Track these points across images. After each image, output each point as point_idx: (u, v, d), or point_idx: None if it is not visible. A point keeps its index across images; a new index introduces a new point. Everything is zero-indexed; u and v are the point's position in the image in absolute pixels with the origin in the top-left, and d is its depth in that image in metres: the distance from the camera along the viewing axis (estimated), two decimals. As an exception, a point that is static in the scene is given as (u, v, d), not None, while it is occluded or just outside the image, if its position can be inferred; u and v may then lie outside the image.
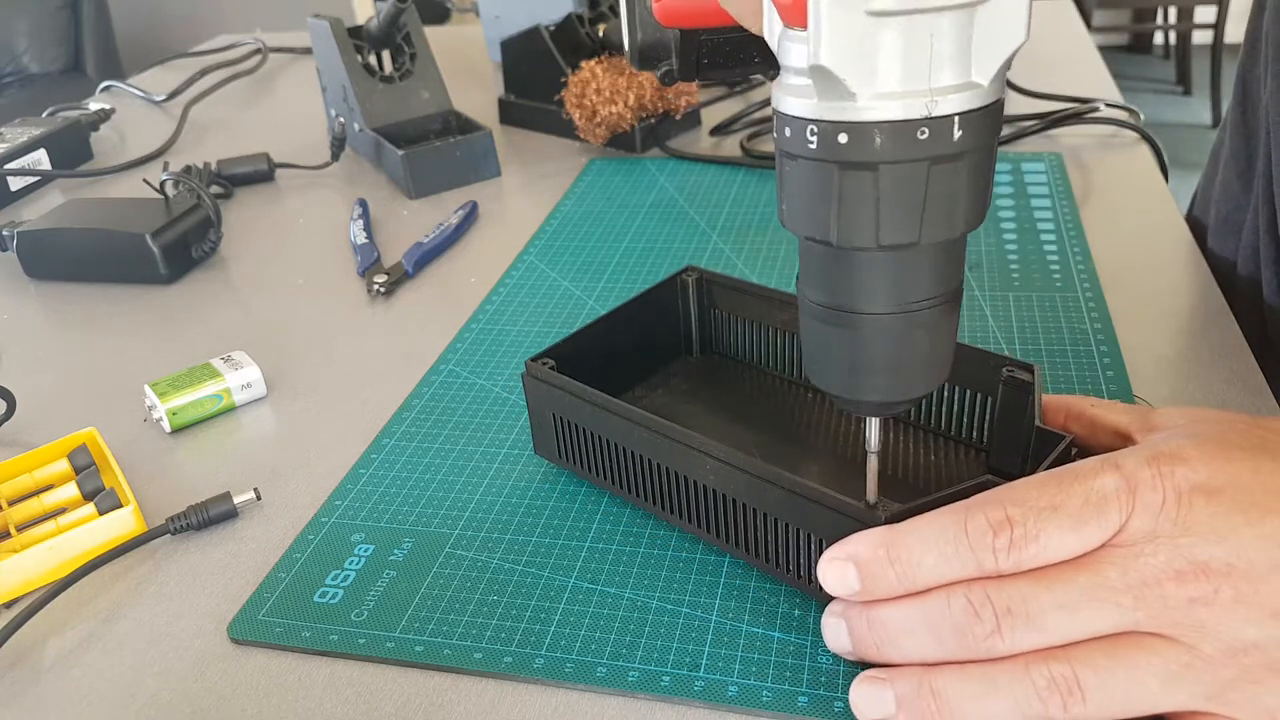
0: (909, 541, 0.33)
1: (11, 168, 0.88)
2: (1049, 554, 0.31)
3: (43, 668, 0.41)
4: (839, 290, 0.32)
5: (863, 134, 0.28)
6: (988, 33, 0.27)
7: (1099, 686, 0.30)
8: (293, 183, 0.88)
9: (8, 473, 0.50)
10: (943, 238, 0.30)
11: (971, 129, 0.28)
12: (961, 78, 0.28)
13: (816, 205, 0.30)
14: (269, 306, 0.68)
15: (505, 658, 0.38)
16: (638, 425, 0.41)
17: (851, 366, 0.33)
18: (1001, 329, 0.56)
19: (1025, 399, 0.41)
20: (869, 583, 0.33)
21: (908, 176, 0.29)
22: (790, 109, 0.29)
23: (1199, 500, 0.31)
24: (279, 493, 0.49)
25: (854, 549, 0.34)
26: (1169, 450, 0.32)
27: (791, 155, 0.30)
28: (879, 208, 0.29)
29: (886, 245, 0.30)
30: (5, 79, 2.91)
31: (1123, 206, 0.70)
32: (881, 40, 0.27)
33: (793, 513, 0.37)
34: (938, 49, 0.27)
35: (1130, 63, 3.89)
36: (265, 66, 1.24)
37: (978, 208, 0.30)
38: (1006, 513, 0.32)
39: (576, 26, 0.91)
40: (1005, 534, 0.31)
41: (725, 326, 0.52)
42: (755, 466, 0.38)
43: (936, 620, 0.32)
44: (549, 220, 0.76)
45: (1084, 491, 0.31)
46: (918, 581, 0.32)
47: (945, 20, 0.27)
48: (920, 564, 0.32)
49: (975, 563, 0.32)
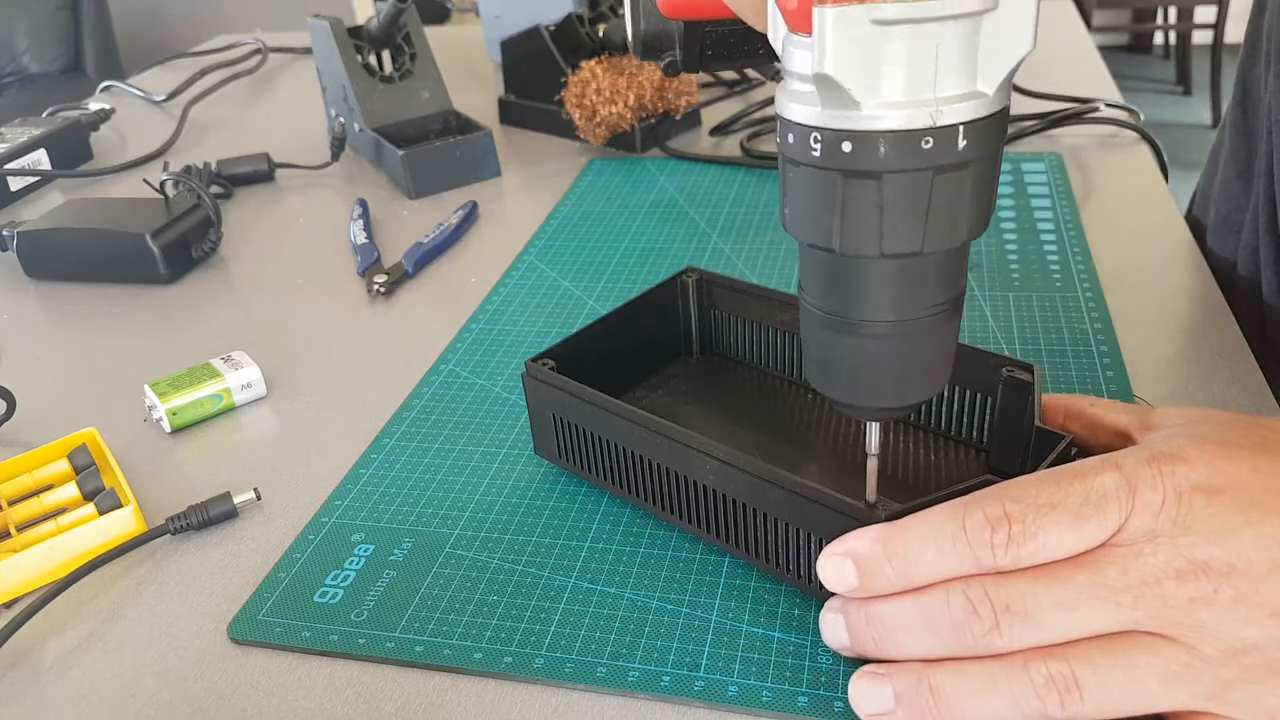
0: (907, 537, 0.33)
1: (11, 168, 0.88)
2: (1048, 551, 0.31)
3: (43, 668, 0.41)
4: (841, 297, 0.32)
5: (867, 143, 0.28)
6: (993, 41, 0.27)
7: (1097, 685, 0.30)
8: (293, 183, 0.88)
9: (8, 473, 0.50)
10: (946, 246, 0.30)
11: (976, 138, 0.28)
12: (966, 87, 0.28)
13: (819, 212, 0.30)
14: (269, 306, 0.68)
15: (505, 658, 0.38)
16: (638, 425, 0.41)
17: (852, 372, 0.33)
18: (1001, 329, 0.56)
19: (1025, 399, 0.41)
20: (867, 579, 0.33)
21: (912, 186, 0.29)
22: (793, 115, 0.29)
23: (1199, 500, 0.31)
24: (279, 493, 0.49)
25: (852, 545, 0.34)
26: (1169, 450, 0.32)
27: (794, 161, 0.30)
28: (882, 216, 0.29)
29: (890, 254, 0.30)
30: (5, 79, 2.91)
31: (1123, 206, 0.70)
32: (886, 49, 0.27)
33: (792, 512, 0.37)
34: (943, 58, 0.27)
35: (1130, 63, 3.89)
36: (265, 66, 1.24)
37: (982, 216, 0.30)
38: (1005, 509, 0.32)
39: (576, 26, 0.91)
40: (1003, 530, 0.31)
41: (725, 327, 0.52)
42: (755, 466, 0.38)
43: (935, 617, 0.32)
44: (549, 220, 0.76)
45: (1084, 490, 0.31)
46: (916, 577, 0.32)
47: (950, 29, 0.27)
48: (918, 560, 0.32)
49: (973, 559, 0.32)
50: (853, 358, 0.33)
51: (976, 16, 0.27)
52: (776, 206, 0.74)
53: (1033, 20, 0.27)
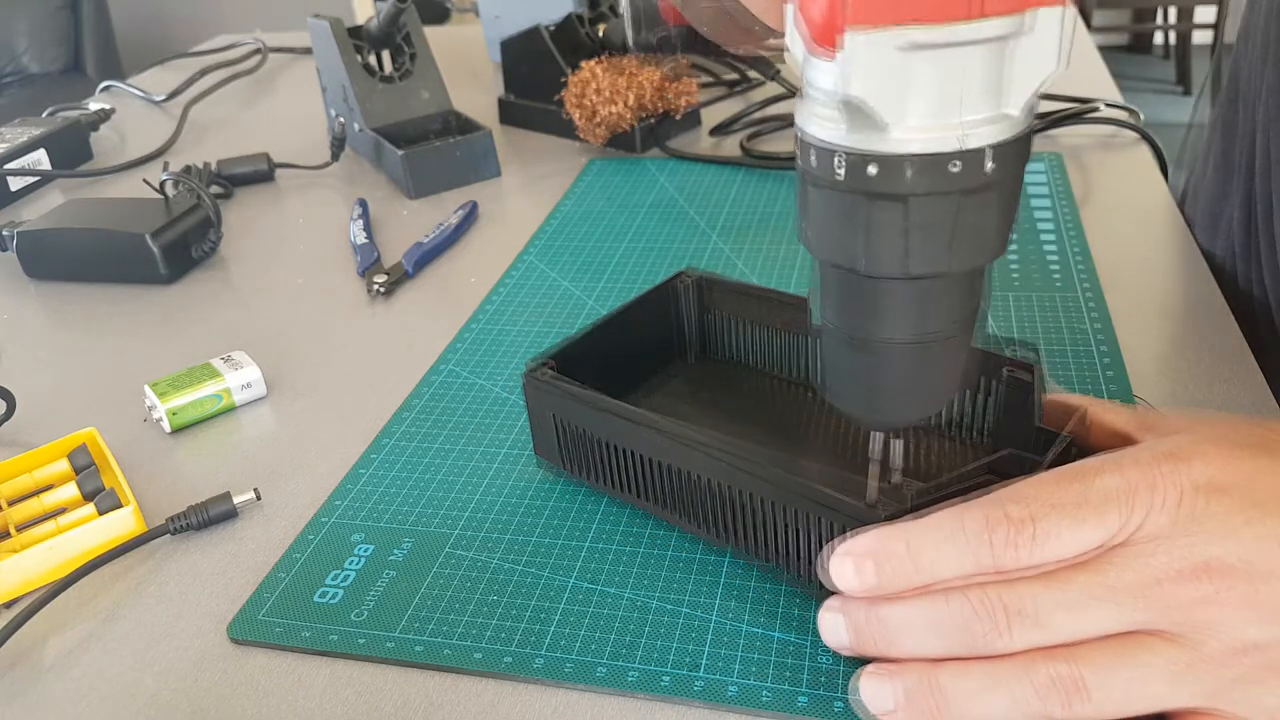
0: (932, 537, 0.32)
1: (11, 168, 0.88)
2: (1065, 551, 0.31)
3: (43, 668, 0.41)
4: (861, 315, 0.32)
5: (893, 166, 0.28)
6: (1020, 63, 0.27)
7: (1101, 686, 0.30)
8: (293, 183, 0.88)
9: (8, 473, 0.50)
10: (972, 266, 0.30)
11: (1003, 160, 0.28)
12: (993, 109, 0.28)
13: (843, 234, 0.30)
14: (269, 306, 0.68)
15: (505, 658, 0.38)
16: (644, 427, 0.41)
17: (869, 388, 0.33)
18: (1001, 329, 0.56)
19: (1026, 398, 0.41)
20: (887, 578, 0.33)
21: (938, 208, 0.28)
22: (816, 135, 0.29)
23: (1204, 500, 0.31)
24: (279, 493, 0.49)
25: (870, 543, 0.33)
26: (1177, 450, 0.32)
27: (817, 182, 0.30)
28: (908, 239, 0.29)
29: (915, 275, 0.30)
30: (5, 79, 2.91)
31: (1123, 206, 0.70)
32: (916, 73, 0.27)
33: (798, 511, 0.37)
34: (971, 81, 0.27)
35: (1130, 63, 3.89)
36: (265, 66, 1.24)
37: (1005, 234, 0.30)
38: (1029, 510, 0.32)
39: (576, 26, 0.91)
40: (1028, 531, 0.31)
41: (723, 329, 0.52)
42: (760, 463, 0.38)
43: (942, 619, 0.32)
44: (549, 220, 0.76)
45: (1101, 489, 0.31)
46: (937, 576, 0.32)
47: (979, 53, 0.27)
48: (938, 559, 0.32)
49: (992, 560, 0.32)
50: (870, 374, 0.33)
51: (1004, 40, 0.27)
52: (776, 206, 0.74)
53: (1058, 40, 0.27)
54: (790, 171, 0.79)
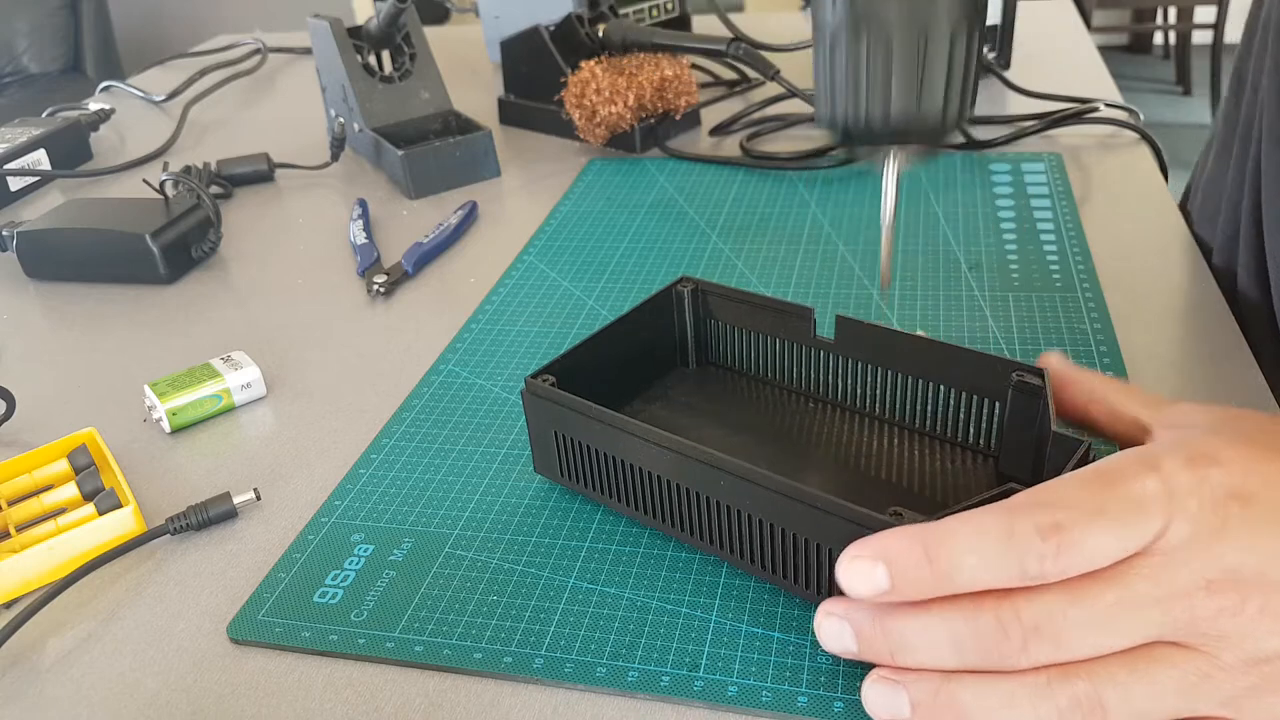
0: (952, 542, 0.31)
1: (11, 168, 0.88)
2: (1091, 560, 0.30)
3: (43, 668, 0.41)
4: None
5: None
6: None
7: (1120, 703, 0.30)
8: (292, 183, 0.88)
9: (8, 473, 0.50)
10: None
11: None
12: None
13: None
14: (269, 306, 0.68)
15: (505, 658, 0.38)
16: (652, 444, 0.40)
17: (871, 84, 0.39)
18: (1001, 329, 0.56)
19: (1036, 404, 0.41)
20: (901, 583, 0.31)
21: None
22: None
23: (1234, 507, 0.30)
24: (279, 493, 0.49)
25: (885, 547, 0.31)
26: (1204, 451, 0.31)
27: None
28: None
29: None
30: (5, 79, 2.91)
31: (1123, 206, 0.70)
32: None
33: (804, 523, 0.37)
34: None
35: (1130, 63, 3.89)
36: (265, 66, 1.24)
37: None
38: (1055, 517, 0.30)
39: (576, 26, 0.91)
40: (1053, 539, 0.30)
41: (721, 337, 0.52)
42: (767, 479, 0.37)
43: (960, 632, 0.31)
44: (549, 220, 0.76)
45: (1126, 495, 0.30)
46: (956, 584, 0.31)
47: None
48: (960, 566, 0.30)
49: (1019, 567, 0.30)
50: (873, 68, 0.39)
51: None
52: (776, 206, 0.74)
53: None
54: (790, 171, 0.79)
